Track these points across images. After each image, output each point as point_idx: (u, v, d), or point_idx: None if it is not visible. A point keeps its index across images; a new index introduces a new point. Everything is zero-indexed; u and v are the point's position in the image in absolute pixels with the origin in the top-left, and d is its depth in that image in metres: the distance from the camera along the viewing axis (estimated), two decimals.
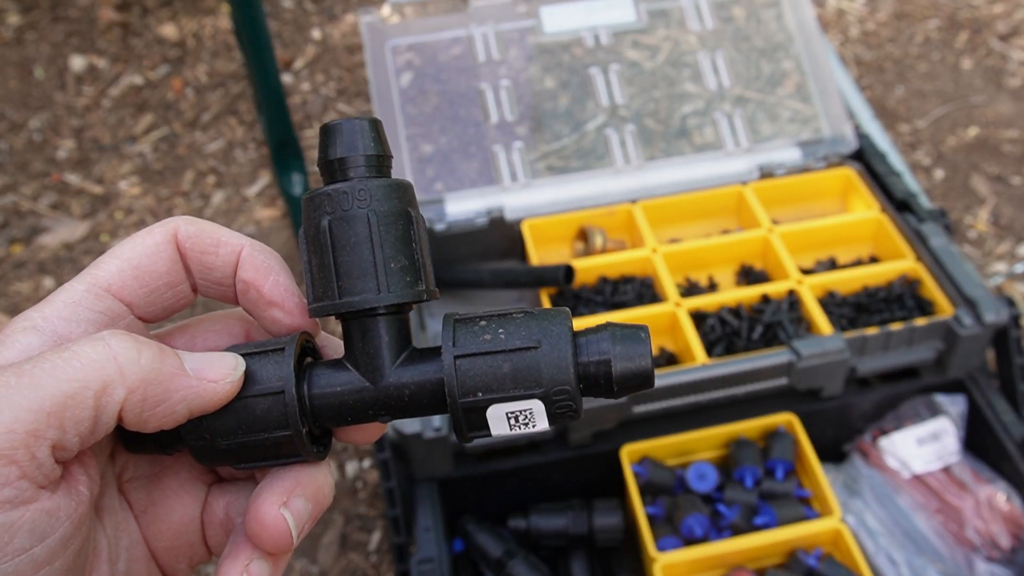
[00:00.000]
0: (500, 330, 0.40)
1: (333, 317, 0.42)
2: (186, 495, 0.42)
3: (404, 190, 0.42)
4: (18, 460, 0.32)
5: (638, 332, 0.41)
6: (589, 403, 1.10)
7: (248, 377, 0.40)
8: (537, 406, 0.40)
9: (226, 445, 0.40)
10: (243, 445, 0.40)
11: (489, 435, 0.41)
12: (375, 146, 0.41)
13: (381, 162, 0.42)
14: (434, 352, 0.42)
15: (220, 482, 0.44)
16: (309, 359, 0.43)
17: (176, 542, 0.41)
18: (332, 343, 0.44)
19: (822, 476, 1.12)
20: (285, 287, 0.41)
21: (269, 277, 0.41)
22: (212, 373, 0.38)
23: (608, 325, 0.41)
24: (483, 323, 0.40)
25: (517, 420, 0.40)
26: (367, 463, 1.48)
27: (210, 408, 0.38)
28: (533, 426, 0.40)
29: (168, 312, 0.41)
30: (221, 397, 0.38)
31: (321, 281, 0.41)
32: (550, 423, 0.40)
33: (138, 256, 0.39)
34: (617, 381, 0.40)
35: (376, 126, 0.42)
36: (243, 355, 0.40)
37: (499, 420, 0.40)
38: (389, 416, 0.41)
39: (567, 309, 0.42)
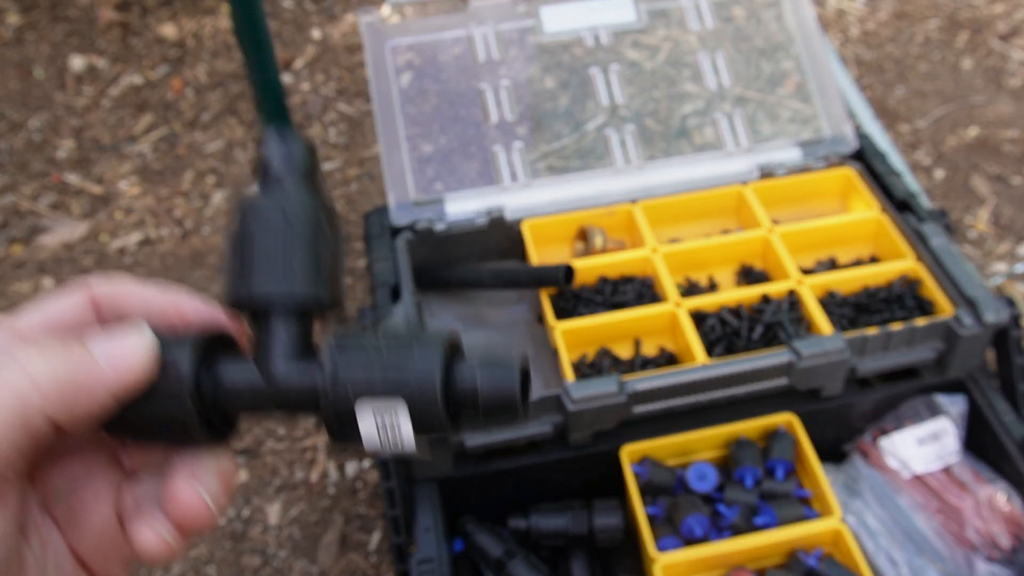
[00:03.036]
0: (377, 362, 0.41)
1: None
2: (102, 500, 0.44)
3: (333, 214, 0.45)
4: None
5: (509, 358, 0.41)
6: (590, 403, 1.10)
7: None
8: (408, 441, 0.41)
9: (131, 419, 0.41)
10: (147, 426, 0.42)
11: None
12: (305, 166, 0.44)
13: (312, 178, 0.45)
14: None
15: (129, 479, 0.46)
16: (221, 350, 0.44)
17: (101, 543, 0.44)
18: None
19: (822, 476, 1.12)
20: (196, 301, 0.45)
21: (182, 295, 0.45)
22: (124, 359, 0.39)
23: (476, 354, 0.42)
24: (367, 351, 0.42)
25: (389, 442, 0.42)
26: (367, 463, 1.48)
27: (133, 391, 0.40)
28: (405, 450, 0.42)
29: None
30: (139, 379, 0.40)
31: (230, 276, 0.44)
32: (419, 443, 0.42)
33: (50, 308, 0.43)
34: (484, 413, 0.41)
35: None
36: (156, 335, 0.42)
37: (371, 439, 0.42)
38: (284, 412, 0.44)
39: (444, 338, 0.41)
